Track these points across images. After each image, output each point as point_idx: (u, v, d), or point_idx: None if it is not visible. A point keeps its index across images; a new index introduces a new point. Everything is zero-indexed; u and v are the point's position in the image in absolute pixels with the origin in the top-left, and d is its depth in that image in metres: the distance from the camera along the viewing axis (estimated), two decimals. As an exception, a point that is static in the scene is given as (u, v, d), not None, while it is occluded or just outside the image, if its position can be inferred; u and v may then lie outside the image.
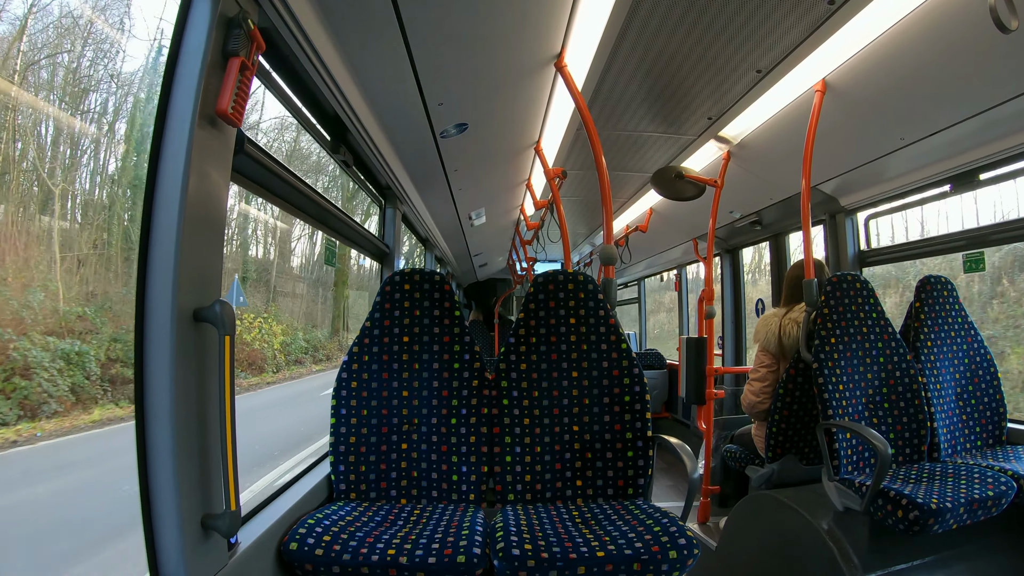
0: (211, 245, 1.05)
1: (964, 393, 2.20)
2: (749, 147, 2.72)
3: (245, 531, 1.23)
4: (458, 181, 3.19)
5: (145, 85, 10.24)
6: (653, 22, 1.84)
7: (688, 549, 1.30)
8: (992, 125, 1.93)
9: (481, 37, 1.73)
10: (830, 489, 1.86)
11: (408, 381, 1.75)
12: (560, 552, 1.29)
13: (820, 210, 2.91)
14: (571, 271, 1.86)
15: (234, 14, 1.04)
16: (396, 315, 1.78)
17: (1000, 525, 1.84)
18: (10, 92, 8.17)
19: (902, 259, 2.85)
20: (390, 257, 2.78)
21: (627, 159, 3.24)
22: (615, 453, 1.74)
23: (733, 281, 4.22)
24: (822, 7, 1.68)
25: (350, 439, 1.69)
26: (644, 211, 4.27)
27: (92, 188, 9.66)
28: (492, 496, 1.73)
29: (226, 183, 1.10)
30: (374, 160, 2.25)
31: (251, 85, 1.11)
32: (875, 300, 2.13)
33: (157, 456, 0.95)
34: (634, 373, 1.77)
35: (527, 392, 1.76)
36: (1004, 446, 2.18)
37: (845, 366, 2.02)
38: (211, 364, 1.05)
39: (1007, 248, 4.58)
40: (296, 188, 1.58)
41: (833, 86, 2.07)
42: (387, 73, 1.79)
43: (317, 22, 1.39)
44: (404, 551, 1.27)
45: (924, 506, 1.58)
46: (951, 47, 1.68)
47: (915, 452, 2.05)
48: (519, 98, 2.30)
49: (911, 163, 2.33)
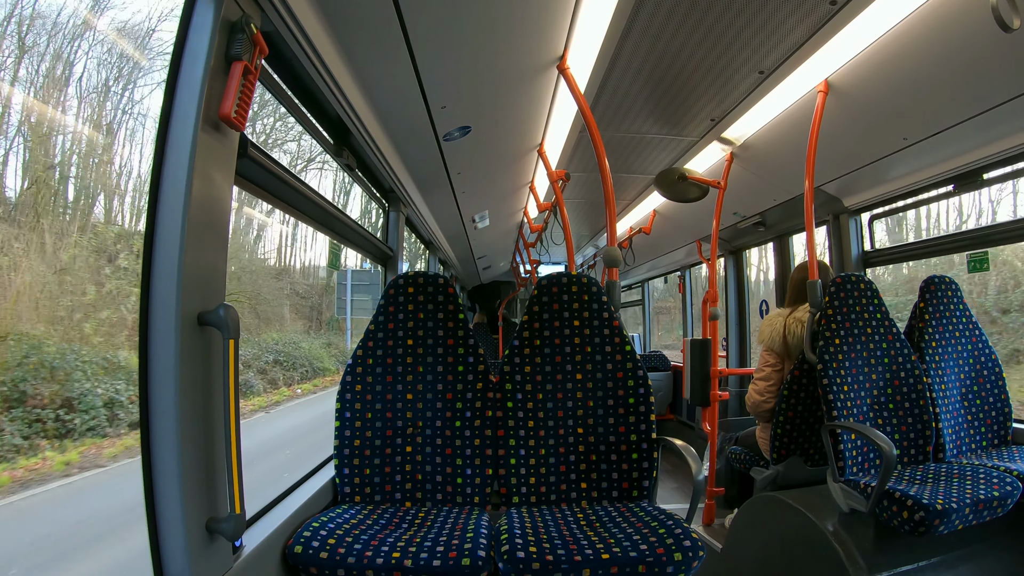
0: (215, 249, 1.06)
1: (969, 393, 2.18)
2: (752, 148, 2.72)
3: (250, 534, 1.23)
4: (461, 184, 3.20)
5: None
6: (655, 24, 1.84)
7: (693, 551, 1.29)
8: (995, 124, 1.92)
9: (483, 40, 1.74)
10: (835, 490, 1.86)
11: (412, 384, 1.75)
12: (565, 554, 1.28)
13: (823, 211, 2.91)
14: (575, 273, 1.86)
15: (237, 18, 1.05)
16: (400, 318, 1.78)
17: (1006, 525, 1.83)
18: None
19: (906, 259, 2.84)
20: (393, 260, 2.79)
21: (630, 161, 3.24)
22: (620, 455, 1.74)
23: (737, 282, 4.21)
24: (824, 8, 1.68)
25: (354, 442, 1.69)
26: (647, 213, 4.27)
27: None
28: (497, 499, 1.73)
29: (229, 187, 1.11)
30: (377, 163, 2.26)
31: (254, 89, 1.11)
32: (879, 301, 2.12)
33: (162, 459, 0.95)
34: (638, 375, 1.76)
35: (531, 395, 1.76)
36: (1009, 446, 2.16)
37: (850, 367, 2.01)
38: (215, 367, 1.05)
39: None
40: (299, 191, 1.59)
41: (836, 87, 2.07)
42: (390, 76, 1.80)
43: (319, 26, 1.40)
44: (409, 554, 1.27)
45: (929, 507, 1.57)
46: (953, 46, 1.67)
47: (920, 453, 2.04)
48: (522, 101, 2.30)
49: (914, 163, 2.32)
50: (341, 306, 12.21)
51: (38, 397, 6.54)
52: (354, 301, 11.54)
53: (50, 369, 6.79)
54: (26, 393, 6.44)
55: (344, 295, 11.76)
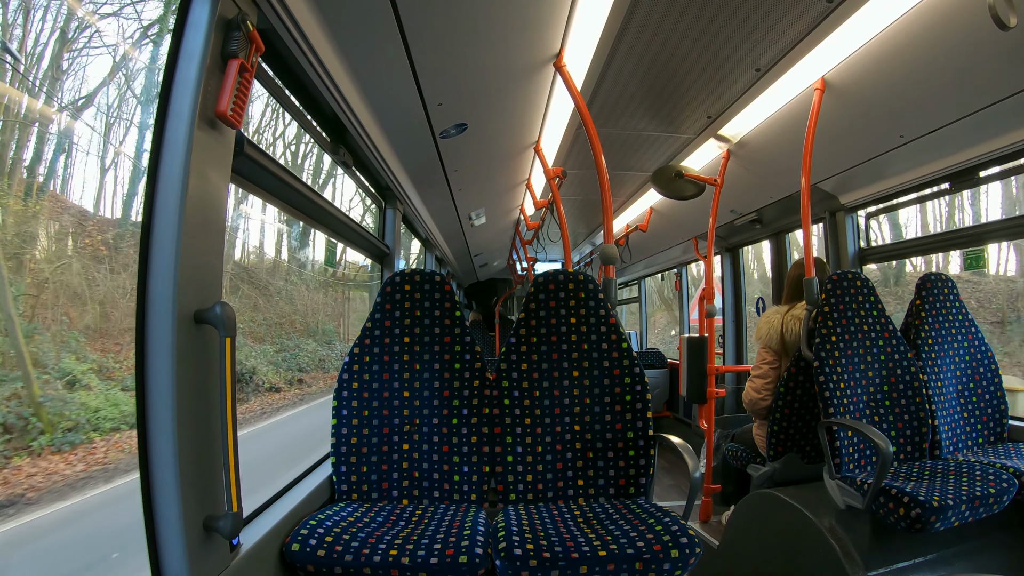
0: (211, 247, 1.05)
1: (965, 390, 2.19)
2: (749, 145, 2.72)
3: (247, 532, 1.23)
4: (458, 181, 3.19)
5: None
6: (652, 21, 1.84)
7: (690, 548, 1.29)
8: (991, 122, 1.93)
9: (480, 38, 1.73)
10: (832, 487, 1.86)
11: (409, 381, 1.75)
12: (562, 551, 1.29)
13: (820, 208, 2.91)
14: (571, 271, 1.86)
15: (233, 16, 1.04)
16: (397, 316, 1.78)
17: (1002, 522, 1.84)
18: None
19: (903, 256, 2.86)
20: (390, 257, 2.78)
21: (627, 158, 3.24)
22: (616, 452, 1.74)
23: (734, 280, 4.22)
24: (821, 5, 1.68)
25: (351, 440, 1.69)
26: (644, 210, 4.27)
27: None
28: (494, 496, 1.73)
29: (226, 184, 1.10)
30: (374, 160, 2.25)
31: (250, 87, 1.11)
32: (876, 298, 2.13)
33: (159, 458, 0.95)
34: (635, 372, 1.77)
35: (528, 392, 1.76)
36: (1005, 443, 2.18)
37: (846, 364, 2.01)
38: (212, 365, 1.05)
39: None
40: (296, 189, 1.58)
41: (832, 84, 2.07)
42: (386, 74, 1.79)
43: (316, 23, 1.39)
44: (406, 551, 1.27)
45: (926, 503, 1.58)
46: (950, 44, 1.68)
47: (916, 450, 2.05)
48: (518, 98, 2.30)
49: (911, 161, 2.33)
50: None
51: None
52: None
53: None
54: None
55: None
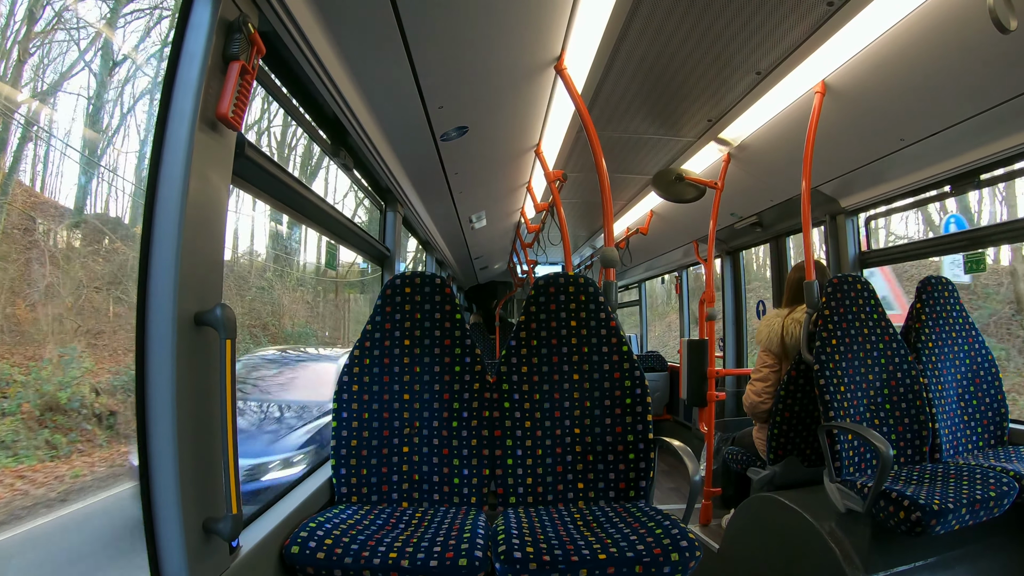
0: (212, 249, 1.05)
1: (965, 394, 2.19)
2: (749, 149, 2.72)
3: (247, 535, 1.23)
4: (459, 184, 3.19)
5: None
6: (652, 24, 1.84)
7: (690, 551, 1.29)
8: (992, 125, 1.93)
9: (481, 40, 1.74)
10: (832, 490, 1.86)
11: (409, 384, 1.75)
12: (562, 555, 1.28)
13: (820, 211, 2.91)
14: (572, 274, 1.86)
15: (234, 18, 1.05)
16: (397, 318, 1.77)
17: (1002, 525, 1.84)
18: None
19: (903, 260, 2.85)
20: (390, 260, 2.78)
21: (627, 161, 3.24)
22: (616, 456, 1.74)
23: (734, 283, 4.22)
24: (821, 8, 1.69)
25: (351, 442, 1.69)
26: (644, 213, 4.27)
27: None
28: (494, 499, 1.73)
29: (227, 187, 1.11)
30: (374, 163, 2.26)
31: (251, 89, 1.11)
32: (876, 301, 2.13)
33: (159, 459, 0.95)
34: (635, 376, 1.76)
35: (528, 395, 1.76)
36: (1006, 446, 2.17)
37: (846, 367, 2.01)
38: (212, 368, 1.05)
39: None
40: (296, 191, 1.58)
41: (833, 87, 2.08)
42: (387, 76, 1.79)
43: (317, 26, 1.40)
44: (406, 554, 1.27)
45: (926, 507, 1.58)
46: (950, 47, 1.68)
47: (917, 453, 2.04)
48: (519, 101, 2.30)
49: (911, 164, 2.33)
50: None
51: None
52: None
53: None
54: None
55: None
